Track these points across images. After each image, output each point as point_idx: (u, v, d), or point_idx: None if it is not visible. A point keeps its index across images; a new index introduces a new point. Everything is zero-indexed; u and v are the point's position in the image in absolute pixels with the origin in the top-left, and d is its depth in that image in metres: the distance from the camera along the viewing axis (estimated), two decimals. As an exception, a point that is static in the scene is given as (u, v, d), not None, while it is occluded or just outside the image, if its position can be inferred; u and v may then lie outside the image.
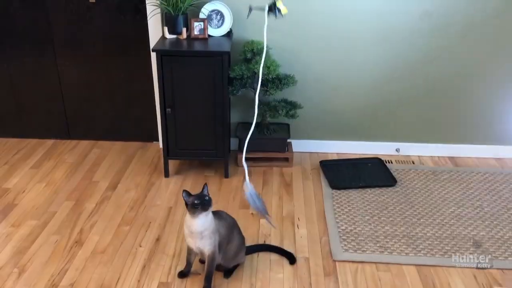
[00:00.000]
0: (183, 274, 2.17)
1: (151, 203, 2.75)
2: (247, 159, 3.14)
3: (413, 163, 3.24)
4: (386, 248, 2.38)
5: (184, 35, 2.85)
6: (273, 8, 1.95)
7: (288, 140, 3.22)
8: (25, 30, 3.16)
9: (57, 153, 3.30)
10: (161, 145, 3.33)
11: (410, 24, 2.95)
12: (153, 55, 2.98)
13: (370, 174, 3.05)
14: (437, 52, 3.03)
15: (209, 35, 2.90)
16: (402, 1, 2.90)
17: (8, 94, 3.37)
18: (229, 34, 2.96)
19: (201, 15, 2.89)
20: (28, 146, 3.39)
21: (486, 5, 2.88)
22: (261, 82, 2.93)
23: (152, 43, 2.99)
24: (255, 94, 2.98)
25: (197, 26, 2.86)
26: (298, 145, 3.33)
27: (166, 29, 2.86)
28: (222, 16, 2.91)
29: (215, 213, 2.07)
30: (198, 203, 1.93)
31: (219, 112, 2.81)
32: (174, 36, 2.88)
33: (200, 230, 1.97)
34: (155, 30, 3.02)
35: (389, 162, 3.22)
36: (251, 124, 3.16)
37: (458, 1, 2.88)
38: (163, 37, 2.90)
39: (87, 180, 2.97)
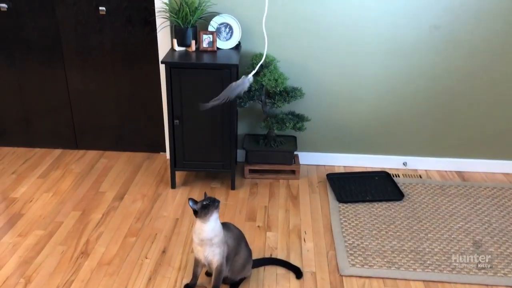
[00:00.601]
0: (189, 287, 2.16)
1: (157, 214, 2.75)
2: (254, 171, 3.15)
3: (421, 177, 3.22)
4: (394, 263, 2.36)
5: (193, 47, 2.87)
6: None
7: (295, 153, 3.22)
8: (34, 40, 3.19)
9: (65, 163, 3.32)
10: (168, 156, 3.33)
11: (419, 38, 2.96)
12: (162, 67, 3.00)
13: (377, 188, 3.04)
14: (445, 65, 3.03)
15: (217, 48, 2.92)
16: (411, 14, 2.91)
17: (17, 103, 3.39)
18: (237, 47, 2.98)
19: (210, 28, 2.91)
20: (36, 156, 3.41)
21: (494, 19, 2.88)
22: (269, 94, 2.97)
23: (161, 55, 3.02)
24: (263, 106, 3.00)
25: (206, 39, 2.88)
26: (305, 158, 3.33)
27: (175, 41, 2.88)
28: (231, 29, 2.93)
29: (223, 225, 2.07)
30: (208, 202, 1.95)
31: (226, 124, 2.81)
32: (183, 49, 2.90)
33: (211, 237, 1.97)
34: (164, 42, 3.04)
35: (396, 176, 3.20)
36: (259, 136, 3.19)
37: (467, 15, 2.89)
38: (172, 49, 2.92)
39: (94, 190, 2.98)
